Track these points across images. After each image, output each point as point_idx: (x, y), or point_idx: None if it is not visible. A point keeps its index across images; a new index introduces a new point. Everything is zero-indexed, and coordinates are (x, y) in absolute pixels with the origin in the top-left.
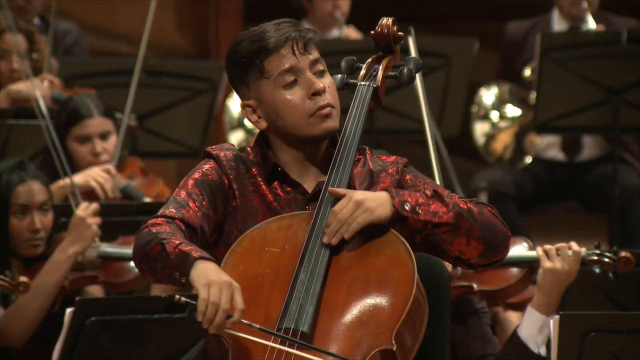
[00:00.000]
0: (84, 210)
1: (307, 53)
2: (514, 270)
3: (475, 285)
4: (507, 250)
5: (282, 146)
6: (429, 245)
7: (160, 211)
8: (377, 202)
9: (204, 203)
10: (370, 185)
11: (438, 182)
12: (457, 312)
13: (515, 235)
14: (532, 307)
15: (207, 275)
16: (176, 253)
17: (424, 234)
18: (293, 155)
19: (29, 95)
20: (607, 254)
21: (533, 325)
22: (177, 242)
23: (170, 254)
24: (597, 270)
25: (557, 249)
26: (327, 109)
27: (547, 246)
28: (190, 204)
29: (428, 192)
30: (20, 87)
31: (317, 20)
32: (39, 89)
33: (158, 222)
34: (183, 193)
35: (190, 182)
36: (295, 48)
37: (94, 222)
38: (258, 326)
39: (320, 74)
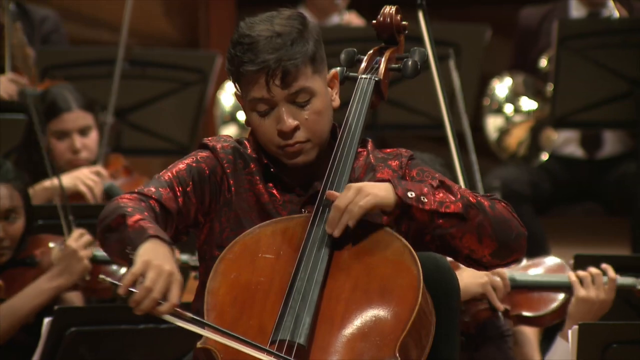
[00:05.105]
0: (76, 240)
1: (284, 86)
2: (553, 295)
3: (509, 308)
4: (522, 249)
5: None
6: (439, 243)
7: (138, 188)
8: (379, 188)
9: (188, 190)
10: (368, 177)
11: (462, 184)
12: (481, 333)
13: (550, 255)
14: (562, 338)
15: (153, 255)
16: (135, 227)
17: (431, 228)
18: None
19: None
20: None
21: (562, 357)
22: (139, 216)
23: (129, 227)
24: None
25: (592, 276)
26: (296, 147)
27: (581, 272)
28: (175, 187)
29: (434, 183)
30: None
31: (315, 6)
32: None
33: (130, 197)
34: (169, 175)
35: (181, 165)
36: (270, 81)
37: (86, 255)
38: (190, 315)
39: (300, 105)
